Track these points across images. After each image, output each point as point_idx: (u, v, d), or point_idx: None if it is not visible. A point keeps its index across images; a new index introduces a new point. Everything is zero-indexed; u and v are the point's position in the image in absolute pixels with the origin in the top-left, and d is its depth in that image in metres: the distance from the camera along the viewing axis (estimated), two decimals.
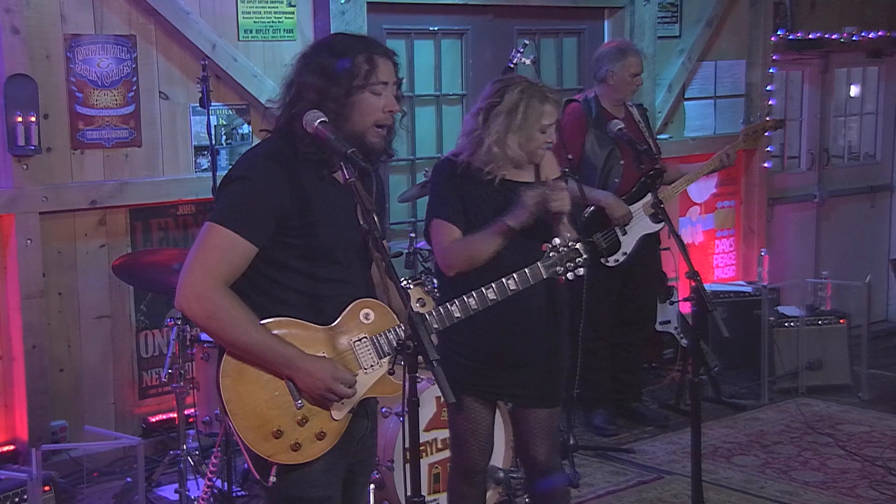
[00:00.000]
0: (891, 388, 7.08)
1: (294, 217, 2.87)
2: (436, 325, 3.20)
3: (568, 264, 3.45)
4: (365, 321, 2.99)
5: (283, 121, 2.99)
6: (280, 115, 3.01)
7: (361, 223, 2.82)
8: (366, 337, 2.98)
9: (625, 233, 6.02)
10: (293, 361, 2.85)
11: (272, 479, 2.86)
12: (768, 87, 7.85)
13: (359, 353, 2.96)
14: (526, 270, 3.40)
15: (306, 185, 2.89)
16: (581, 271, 3.46)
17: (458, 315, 3.25)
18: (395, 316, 3.00)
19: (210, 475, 4.51)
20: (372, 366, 2.97)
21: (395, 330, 2.97)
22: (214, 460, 4.59)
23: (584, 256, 3.46)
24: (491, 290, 3.32)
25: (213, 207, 2.96)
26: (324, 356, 2.90)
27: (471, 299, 3.28)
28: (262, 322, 2.86)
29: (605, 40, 7.16)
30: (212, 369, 5.05)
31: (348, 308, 2.96)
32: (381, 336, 2.98)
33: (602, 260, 5.97)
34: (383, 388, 2.99)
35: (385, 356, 2.97)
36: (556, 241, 3.44)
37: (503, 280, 3.36)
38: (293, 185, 2.87)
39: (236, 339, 2.83)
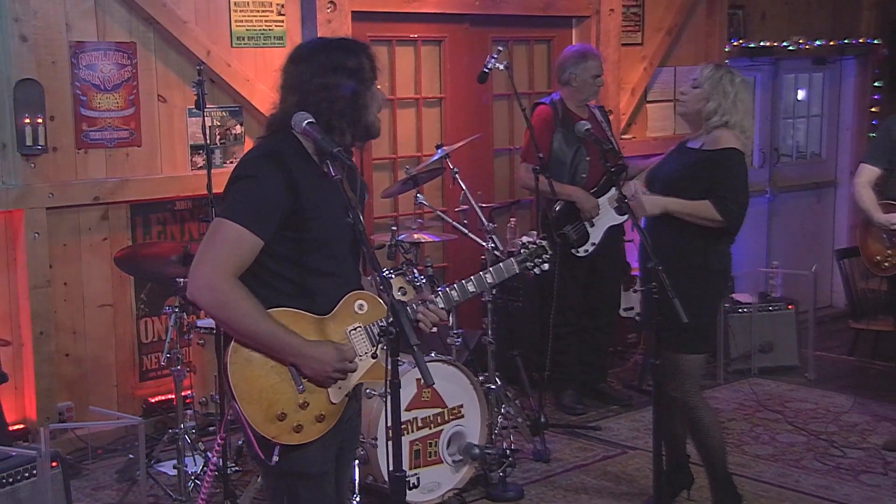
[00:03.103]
0: (834, 369, 7.12)
1: (293, 212, 2.86)
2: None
3: (536, 260, 3.51)
4: (359, 311, 2.99)
5: (279, 122, 2.98)
6: (279, 116, 2.99)
7: (348, 218, 2.83)
8: (360, 326, 2.98)
9: (593, 225, 6.03)
10: (298, 349, 2.85)
11: (275, 458, 2.86)
12: None
13: (354, 342, 2.97)
14: (501, 265, 3.44)
15: (303, 183, 2.88)
16: (546, 266, 3.52)
17: (457, 296, 3.30)
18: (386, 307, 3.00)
19: (216, 454, 4.49)
20: (367, 353, 2.98)
21: (380, 328, 2.97)
22: (220, 440, 4.56)
23: (550, 253, 3.50)
24: (471, 282, 3.34)
25: (221, 204, 2.94)
26: (326, 340, 2.91)
27: (453, 291, 3.30)
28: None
29: None
30: (208, 354, 5.09)
31: (343, 299, 2.97)
32: (374, 325, 2.99)
33: (573, 251, 5.98)
34: (376, 373, 2.99)
35: (377, 345, 2.98)
36: (525, 238, 3.47)
37: (481, 273, 3.39)
38: (292, 182, 2.86)
39: (246, 328, 2.82)
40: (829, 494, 4.96)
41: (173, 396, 5.02)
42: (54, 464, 4.12)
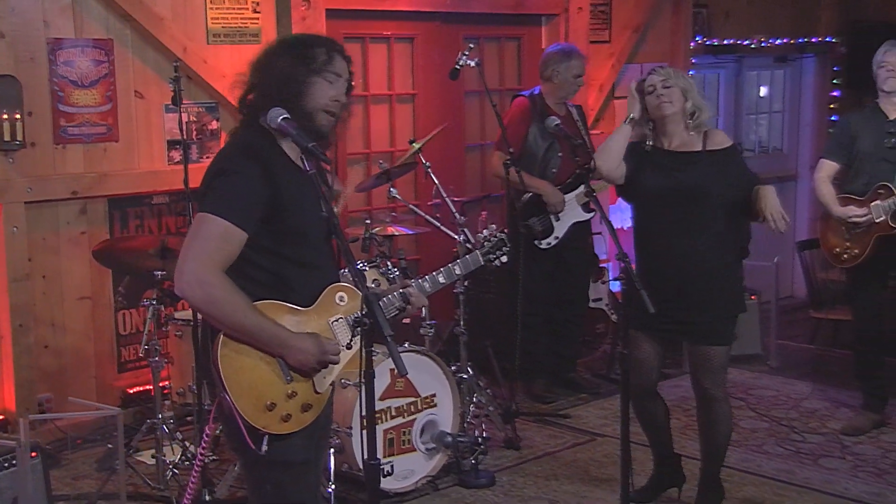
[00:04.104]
0: (795, 357, 7.18)
1: (272, 206, 2.85)
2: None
3: (497, 252, 3.56)
4: (340, 303, 2.99)
5: (249, 115, 2.96)
6: (249, 108, 2.98)
7: (322, 211, 2.82)
8: (342, 317, 2.98)
9: (558, 219, 6.04)
10: (285, 341, 2.84)
11: (265, 447, 2.85)
12: None
13: (337, 332, 2.96)
14: (468, 258, 3.49)
15: (280, 176, 2.87)
16: (504, 259, 3.57)
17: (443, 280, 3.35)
18: None
19: (204, 446, 4.45)
20: (348, 343, 2.97)
21: (354, 320, 2.96)
22: (208, 432, 4.53)
23: (508, 246, 3.57)
24: (441, 274, 3.35)
25: (202, 200, 2.91)
26: (310, 333, 2.90)
27: (425, 283, 3.32)
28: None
29: (543, 45, 7.18)
30: (185, 345, 5.06)
31: (324, 292, 2.96)
32: (354, 316, 2.98)
33: (536, 242, 5.99)
34: (358, 363, 2.98)
35: (352, 336, 2.97)
36: (485, 232, 3.50)
37: (450, 265, 3.41)
38: (269, 175, 2.85)
39: (235, 322, 2.80)
40: (790, 478, 5.00)
41: (151, 387, 4.99)
42: (34, 454, 4.10)
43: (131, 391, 5.74)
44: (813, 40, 8.70)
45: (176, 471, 4.80)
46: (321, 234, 2.97)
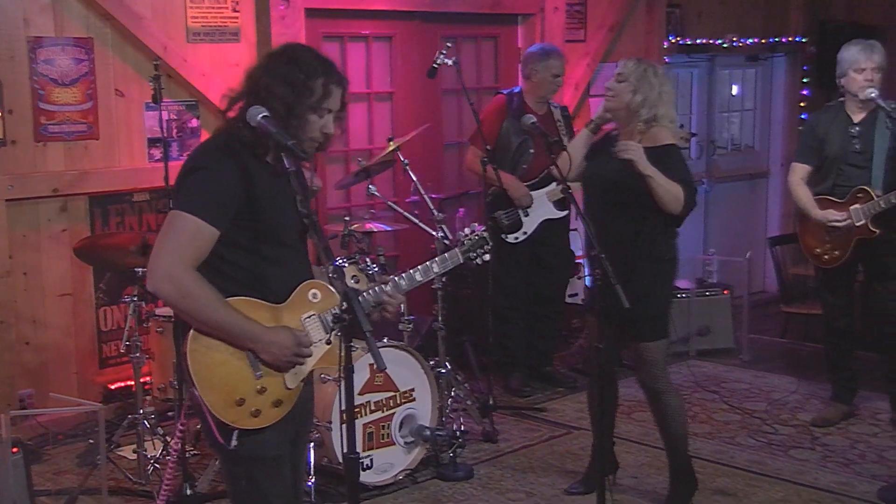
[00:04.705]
0: (767, 351, 7.22)
1: (246, 204, 2.83)
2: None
3: (479, 250, 3.50)
4: (313, 300, 2.98)
5: (236, 115, 2.95)
6: (233, 109, 2.96)
7: (300, 209, 2.81)
8: (315, 314, 2.97)
9: (527, 215, 6.04)
10: (257, 335, 2.83)
11: (234, 442, 2.84)
12: None
13: (309, 329, 2.95)
14: (446, 255, 3.43)
15: (256, 175, 2.86)
16: (487, 257, 3.52)
17: (420, 278, 3.29)
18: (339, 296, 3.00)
19: (177, 439, 4.45)
20: (321, 340, 2.96)
21: (333, 316, 2.95)
22: (181, 426, 4.53)
23: (490, 244, 3.51)
24: (418, 272, 3.31)
25: (175, 196, 2.90)
26: (284, 326, 2.89)
27: (402, 281, 3.25)
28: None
29: (519, 45, 7.19)
30: (166, 341, 5.05)
31: (298, 288, 2.95)
32: (327, 314, 2.98)
33: (503, 236, 5.99)
34: (329, 359, 2.98)
35: (331, 332, 2.96)
36: (466, 230, 3.48)
37: (428, 263, 3.37)
38: (245, 174, 2.83)
39: (207, 317, 2.80)
40: (762, 469, 5.03)
41: (132, 383, 4.98)
42: (15, 449, 4.08)
43: (112, 387, 5.72)
44: (783, 40, 8.76)
45: (157, 465, 4.79)
46: (295, 231, 2.97)
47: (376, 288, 3.13)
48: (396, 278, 3.26)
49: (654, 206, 4.26)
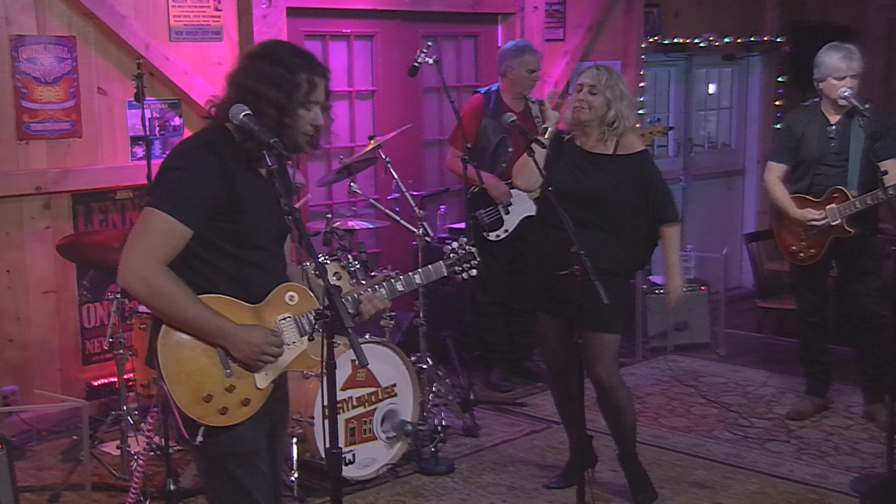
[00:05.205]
0: (743, 345, 7.26)
1: (224, 204, 2.82)
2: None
3: (465, 265, 3.45)
4: (290, 302, 2.97)
5: (217, 114, 2.93)
6: (216, 109, 2.94)
7: (282, 206, 2.79)
8: (290, 316, 2.96)
9: (508, 212, 6.05)
10: (228, 332, 2.82)
11: (199, 438, 2.84)
12: (641, 85, 7.95)
13: (283, 330, 2.94)
14: (430, 267, 3.35)
15: (236, 175, 2.85)
16: (474, 272, 3.45)
17: (402, 289, 3.22)
18: (315, 300, 2.99)
19: (148, 433, 4.45)
20: (294, 342, 2.95)
21: (316, 312, 2.93)
22: (150, 419, 4.53)
23: (478, 260, 3.45)
24: (400, 281, 3.24)
25: (151, 193, 2.89)
26: (256, 324, 2.88)
27: (382, 289, 3.18)
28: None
29: (499, 43, 7.19)
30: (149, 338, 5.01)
31: (275, 290, 2.94)
32: (303, 317, 2.97)
33: (484, 234, 6.00)
34: (303, 362, 2.99)
35: (306, 335, 2.96)
36: (454, 244, 3.44)
37: (410, 273, 3.30)
38: (225, 174, 2.82)
39: (177, 314, 2.79)
40: (739, 461, 5.07)
41: (116, 379, 4.96)
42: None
43: (96, 383, 5.69)
44: (759, 40, 8.80)
45: (141, 461, 4.77)
46: (273, 232, 2.95)
47: (356, 293, 3.10)
48: (378, 287, 3.21)
49: (638, 214, 4.34)
